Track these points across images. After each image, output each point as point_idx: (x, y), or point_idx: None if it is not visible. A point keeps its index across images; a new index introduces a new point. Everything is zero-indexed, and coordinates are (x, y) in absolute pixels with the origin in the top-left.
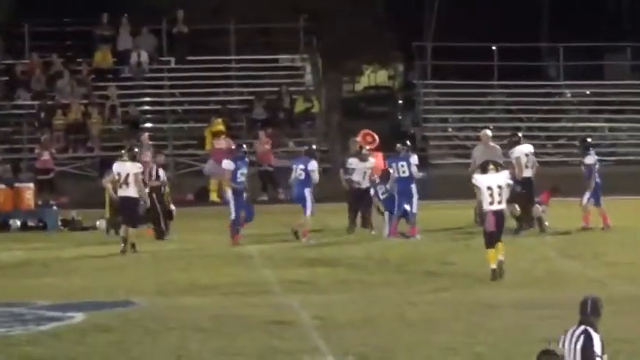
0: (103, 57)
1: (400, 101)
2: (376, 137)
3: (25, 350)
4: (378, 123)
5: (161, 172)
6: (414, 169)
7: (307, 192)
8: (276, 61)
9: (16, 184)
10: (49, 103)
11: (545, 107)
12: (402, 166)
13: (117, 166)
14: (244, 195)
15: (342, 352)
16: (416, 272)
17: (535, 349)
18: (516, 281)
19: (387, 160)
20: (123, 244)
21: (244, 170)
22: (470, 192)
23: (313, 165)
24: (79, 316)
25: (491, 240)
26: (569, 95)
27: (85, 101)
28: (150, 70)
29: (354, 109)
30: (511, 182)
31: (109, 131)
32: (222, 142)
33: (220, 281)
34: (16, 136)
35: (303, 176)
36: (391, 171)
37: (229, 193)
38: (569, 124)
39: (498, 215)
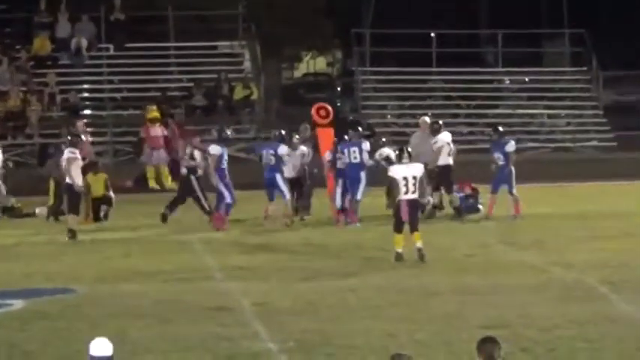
0: (41, 44)
1: (339, 88)
2: (330, 110)
3: None
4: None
5: (197, 153)
6: (366, 155)
7: (279, 177)
8: (215, 47)
9: None
10: None
11: (483, 94)
12: (354, 152)
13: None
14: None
15: (282, 338)
16: (356, 258)
17: (475, 334)
18: (456, 267)
19: (339, 146)
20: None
21: (226, 155)
22: None
23: (283, 149)
24: (18, 303)
25: (400, 226)
26: (507, 82)
27: (24, 88)
28: (89, 57)
29: (294, 96)
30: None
31: (49, 119)
32: (158, 130)
33: (161, 268)
34: None
35: (273, 161)
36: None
37: (217, 179)
38: (508, 111)
39: (412, 204)
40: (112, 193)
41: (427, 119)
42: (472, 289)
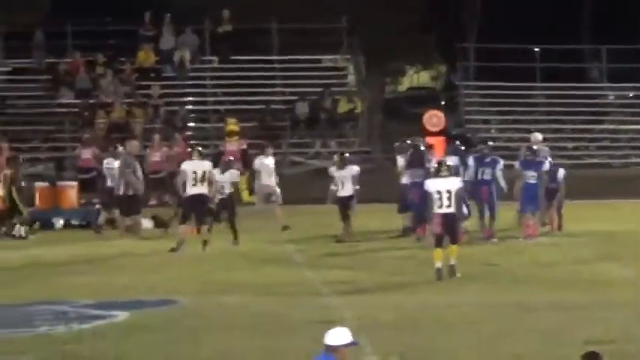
0: (145, 56)
1: (443, 102)
2: (442, 118)
3: (67, 348)
4: (420, 124)
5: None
6: (499, 174)
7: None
8: (319, 61)
9: (59, 183)
10: (92, 102)
11: (587, 109)
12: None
13: (190, 165)
14: None
15: (385, 351)
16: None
17: (575, 351)
18: (555, 282)
19: (475, 163)
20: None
21: None
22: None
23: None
24: (122, 315)
25: (439, 241)
26: (612, 98)
27: (128, 100)
28: (192, 69)
29: (397, 111)
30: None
31: (152, 130)
32: (234, 144)
33: (262, 281)
34: (59, 135)
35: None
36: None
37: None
38: (612, 127)
39: (446, 218)
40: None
41: (539, 136)
42: (571, 304)
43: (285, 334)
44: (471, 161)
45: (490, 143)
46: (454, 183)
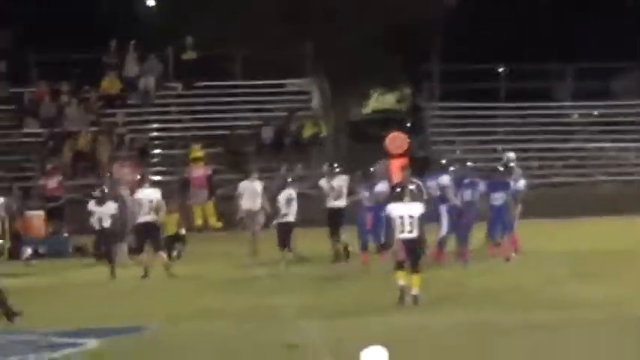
0: (110, 84)
1: (408, 124)
2: (405, 140)
3: None
4: (384, 147)
5: None
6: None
7: (443, 208)
8: (282, 85)
9: (27, 212)
10: (58, 130)
11: (553, 128)
12: (470, 192)
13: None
14: None
15: None
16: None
17: None
18: (526, 302)
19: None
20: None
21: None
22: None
23: (445, 180)
24: (92, 342)
25: (400, 266)
26: (576, 116)
27: (94, 128)
28: (157, 96)
29: (363, 133)
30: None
31: (118, 158)
32: (200, 170)
33: (232, 306)
34: (25, 164)
35: (438, 192)
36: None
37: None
38: (579, 145)
39: (408, 244)
40: (184, 232)
41: (512, 155)
42: (543, 324)
43: (254, 357)
44: (446, 181)
45: (469, 164)
46: (417, 208)
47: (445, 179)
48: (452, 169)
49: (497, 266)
